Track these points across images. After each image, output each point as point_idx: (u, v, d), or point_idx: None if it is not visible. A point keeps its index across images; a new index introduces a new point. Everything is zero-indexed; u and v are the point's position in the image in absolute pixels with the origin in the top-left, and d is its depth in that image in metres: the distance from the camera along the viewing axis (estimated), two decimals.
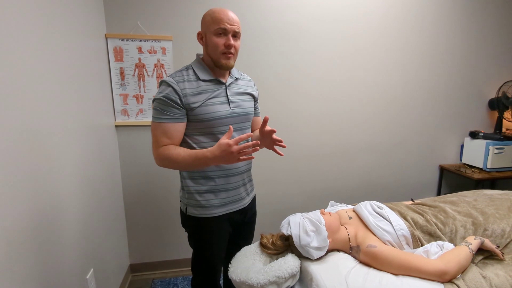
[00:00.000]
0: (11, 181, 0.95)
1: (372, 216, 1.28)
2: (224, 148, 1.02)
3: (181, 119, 1.16)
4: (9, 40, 0.97)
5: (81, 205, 1.45)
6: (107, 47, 1.88)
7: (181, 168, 1.19)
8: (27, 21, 1.08)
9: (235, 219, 1.32)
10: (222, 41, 1.14)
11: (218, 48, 1.15)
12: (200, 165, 1.11)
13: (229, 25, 1.13)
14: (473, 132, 2.40)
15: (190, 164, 1.12)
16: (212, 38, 1.15)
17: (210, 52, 1.18)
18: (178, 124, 1.15)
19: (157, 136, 1.15)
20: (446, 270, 1.04)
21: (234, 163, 1.06)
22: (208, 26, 1.16)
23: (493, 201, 1.42)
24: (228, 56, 1.17)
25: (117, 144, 2.02)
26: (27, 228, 1.02)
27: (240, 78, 1.32)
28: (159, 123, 1.14)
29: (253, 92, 1.35)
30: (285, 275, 1.11)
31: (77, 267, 1.37)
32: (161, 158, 1.14)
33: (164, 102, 1.13)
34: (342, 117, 2.30)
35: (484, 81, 2.47)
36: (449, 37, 2.34)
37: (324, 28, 2.14)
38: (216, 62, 1.18)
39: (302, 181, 2.34)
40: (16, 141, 0.98)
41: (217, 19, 1.13)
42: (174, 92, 1.13)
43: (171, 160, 1.13)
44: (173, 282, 2.11)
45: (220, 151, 1.03)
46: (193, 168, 1.16)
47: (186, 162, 1.11)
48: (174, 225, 2.17)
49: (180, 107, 1.14)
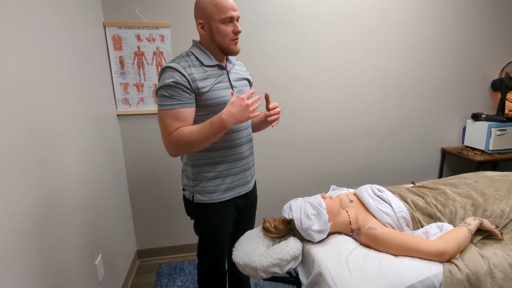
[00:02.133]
0: (18, 172, 0.97)
1: (373, 199, 1.29)
2: (239, 103, 1.06)
3: (192, 103, 1.13)
4: (6, 31, 0.97)
5: (87, 193, 1.48)
6: (106, 36, 1.87)
7: (199, 144, 1.11)
8: (23, 12, 1.07)
9: (240, 204, 1.34)
10: (230, 28, 1.15)
11: (228, 36, 1.15)
12: (217, 130, 1.07)
13: (234, 12, 1.14)
14: (475, 114, 2.39)
15: (207, 133, 1.07)
16: (219, 27, 1.13)
17: (218, 40, 1.16)
18: (189, 109, 1.12)
19: (168, 123, 1.10)
20: (444, 250, 1.07)
21: (248, 119, 1.09)
22: (211, 15, 1.12)
23: (493, 182, 1.43)
24: (236, 41, 1.19)
25: (120, 133, 2.04)
26: (35, 217, 1.05)
27: (236, 64, 1.34)
28: (169, 110, 1.09)
29: (248, 77, 1.37)
30: (287, 258, 1.14)
31: (85, 253, 1.42)
32: (175, 143, 1.09)
33: (173, 87, 1.09)
34: (343, 102, 2.29)
35: (487, 62, 2.44)
36: (452, 19, 2.29)
37: (324, 13, 2.10)
38: (225, 50, 1.18)
39: (304, 167, 2.35)
40: (20, 133, 1.00)
41: (222, 8, 1.11)
42: (183, 77, 1.10)
43: (187, 140, 1.08)
44: (179, 267, 2.16)
45: (235, 107, 1.06)
46: (211, 138, 1.10)
47: (202, 133, 1.08)
48: (178, 211, 2.22)
49: (190, 91, 1.12)
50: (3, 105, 0.92)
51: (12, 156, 0.95)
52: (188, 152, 1.18)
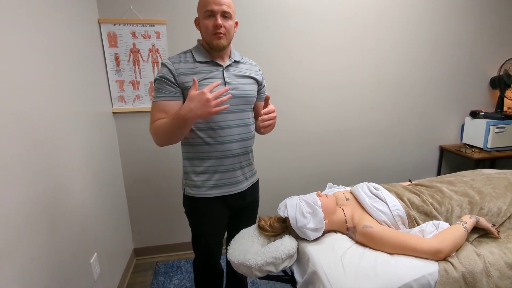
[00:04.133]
0: (12, 171, 0.96)
1: (369, 197, 1.28)
2: (199, 98, 1.02)
3: (177, 97, 1.18)
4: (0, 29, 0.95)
5: (83, 191, 1.47)
6: (101, 33, 1.85)
7: (167, 135, 1.14)
8: (17, 8, 1.05)
9: (233, 203, 1.34)
10: (210, 22, 1.17)
11: (208, 29, 1.18)
12: (179, 125, 1.08)
13: (216, 6, 1.15)
14: (474, 112, 2.37)
15: (171, 125, 1.10)
16: (202, 21, 1.19)
17: (203, 35, 1.23)
18: (173, 102, 1.18)
19: (153, 113, 1.19)
20: (440, 248, 1.06)
21: (210, 114, 1.05)
22: (200, 10, 1.21)
23: (491, 180, 1.42)
24: (218, 36, 1.18)
25: (116, 131, 2.02)
26: (30, 214, 1.04)
27: (242, 62, 1.33)
28: (156, 102, 1.18)
29: (256, 76, 1.34)
30: (282, 256, 1.13)
31: (80, 252, 1.41)
32: (152, 131, 1.17)
33: (160, 81, 1.18)
34: (340, 100, 2.28)
35: (485, 60, 2.42)
36: (450, 16, 2.27)
37: (323, 12, 2.09)
38: (209, 44, 1.21)
39: (302, 166, 2.34)
40: (15, 131, 0.98)
41: (205, 2, 1.16)
42: (169, 72, 1.17)
43: (157, 129, 1.15)
44: (176, 265, 2.16)
45: (195, 102, 1.03)
46: (176, 131, 1.11)
47: (168, 125, 1.11)
48: (175, 209, 2.21)
49: (175, 85, 1.18)
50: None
51: (6, 154, 0.93)
52: (168, 142, 1.18)
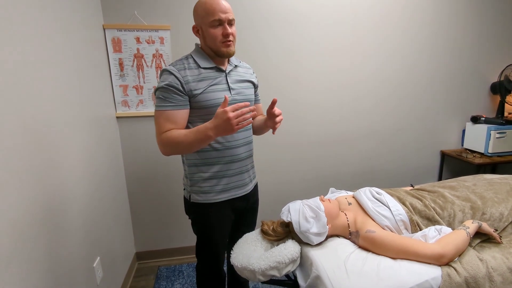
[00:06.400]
0: (16, 174, 0.97)
1: (371, 202, 1.29)
2: (221, 116, 1.02)
3: (184, 105, 1.16)
4: (5, 33, 0.97)
5: (86, 196, 1.48)
6: (105, 38, 1.87)
7: (185, 148, 1.14)
8: (23, 14, 1.07)
9: (238, 206, 1.34)
10: (219, 31, 1.15)
11: (217, 39, 1.16)
12: (202, 139, 1.08)
13: (223, 15, 1.13)
14: (474, 117, 2.39)
15: (193, 139, 1.09)
16: (208, 30, 1.16)
17: (209, 43, 1.19)
18: (181, 111, 1.16)
19: (160, 123, 1.15)
20: (443, 253, 1.06)
21: (233, 132, 1.05)
22: (202, 18, 1.16)
23: (492, 185, 1.43)
24: (227, 44, 1.18)
25: (119, 135, 2.04)
26: (34, 219, 1.05)
27: (239, 66, 1.34)
28: (162, 111, 1.14)
29: (252, 79, 1.36)
30: (286, 261, 1.14)
31: (83, 256, 1.41)
32: (165, 142, 1.13)
33: (167, 90, 1.14)
34: (342, 104, 2.29)
35: (486, 65, 2.44)
36: (451, 21, 2.30)
37: (324, 15, 2.11)
38: (217, 52, 1.19)
39: (304, 169, 2.35)
40: (19, 135, 1.00)
41: (210, 11, 1.13)
42: (176, 79, 1.14)
43: (174, 142, 1.11)
44: (178, 269, 2.16)
45: (218, 120, 1.03)
46: (196, 145, 1.11)
47: (188, 138, 1.10)
48: (177, 213, 2.21)
49: (183, 94, 1.15)
50: (3, 106, 0.93)
51: (11, 158, 0.95)
52: (179, 153, 1.20)
